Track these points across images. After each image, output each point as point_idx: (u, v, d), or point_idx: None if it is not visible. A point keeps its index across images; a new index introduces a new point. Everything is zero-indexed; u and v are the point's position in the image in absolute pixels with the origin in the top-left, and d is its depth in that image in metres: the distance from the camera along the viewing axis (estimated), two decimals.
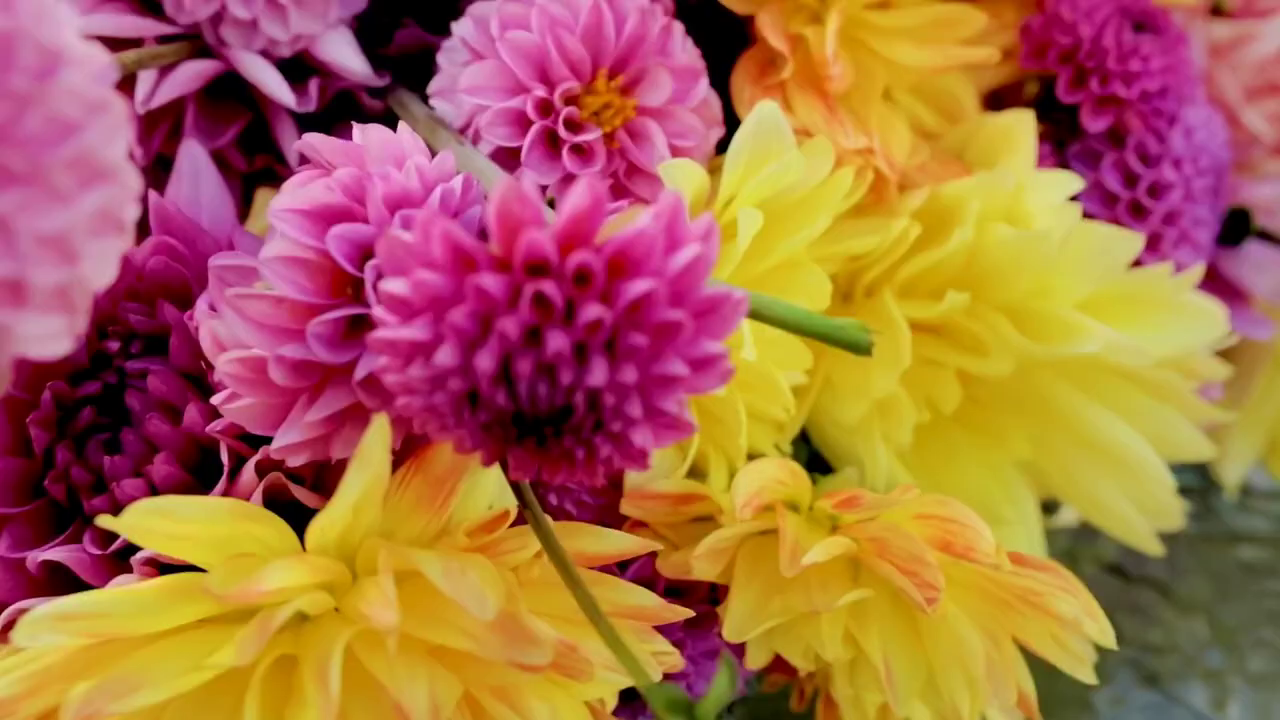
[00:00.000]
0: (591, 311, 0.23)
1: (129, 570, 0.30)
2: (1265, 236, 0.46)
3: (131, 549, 0.31)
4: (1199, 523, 0.51)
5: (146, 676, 0.27)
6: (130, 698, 0.26)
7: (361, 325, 0.28)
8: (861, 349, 0.28)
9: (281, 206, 0.28)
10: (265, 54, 0.37)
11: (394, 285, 0.24)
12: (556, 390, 0.24)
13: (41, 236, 0.21)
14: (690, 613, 0.31)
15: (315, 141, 0.29)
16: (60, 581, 0.31)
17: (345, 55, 0.37)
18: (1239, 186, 0.48)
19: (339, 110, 0.39)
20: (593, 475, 0.26)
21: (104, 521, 0.26)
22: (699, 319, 0.24)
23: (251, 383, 0.28)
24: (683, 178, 0.33)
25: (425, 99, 0.37)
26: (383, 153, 0.29)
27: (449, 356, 0.24)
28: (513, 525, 0.30)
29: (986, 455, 0.43)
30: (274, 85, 0.36)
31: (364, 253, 0.28)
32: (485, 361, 0.23)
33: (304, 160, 0.37)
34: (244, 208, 0.40)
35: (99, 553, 0.30)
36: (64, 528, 0.32)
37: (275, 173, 0.40)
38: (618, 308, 0.23)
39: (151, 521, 0.26)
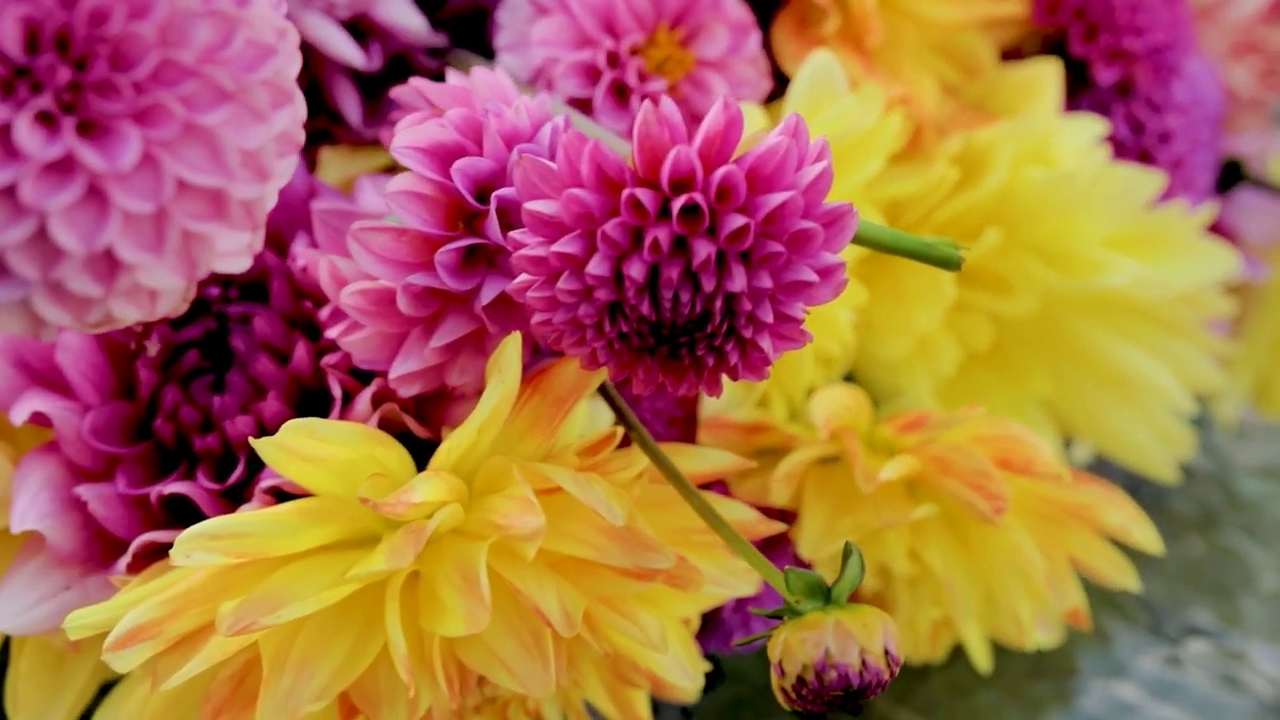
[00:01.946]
0: (735, 221, 0.25)
1: (241, 505, 0.32)
2: (1255, 184, 0.49)
3: (241, 486, 0.32)
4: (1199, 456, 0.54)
5: (291, 592, 0.28)
6: (280, 611, 0.27)
7: (477, 256, 0.30)
8: (952, 264, 0.29)
9: (403, 144, 0.29)
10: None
11: (541, 206, 0.26)
12: (698, 296, 0.25)
13: (244, 151, 0.22)
14: (783, 526, 0.33)
15: (421, 85, 0.31)
16: (176, 518, 0.32)
17: (404, 15, 0.38)
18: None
19: (392, 73, 0.41)
20: (714, 386, 0.28)
21: (255, 443, 0.27)
22: (827, 229, 0.26)
23: (373, 314, 0.30)
24: (748, 124, 0.35)
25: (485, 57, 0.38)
26: (489, 94, 0.31)
27: (601, 267, 0.25)
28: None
29: (1010, 393, 0.45)
30: (341, 45, 0.37)
31: (479, 186, 0.29)
32: (635, 270, 0.25)
33: (382, 112, 0.39)
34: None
35: (215, 487, 0.32)
36: (168, 469, 0.33)
37: (331, 134, 0.41)
38: (758, 217, 0.25)
39: (299, 440, 0.27)
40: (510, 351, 0.28)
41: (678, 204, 0.25)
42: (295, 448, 0.28)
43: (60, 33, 0.21)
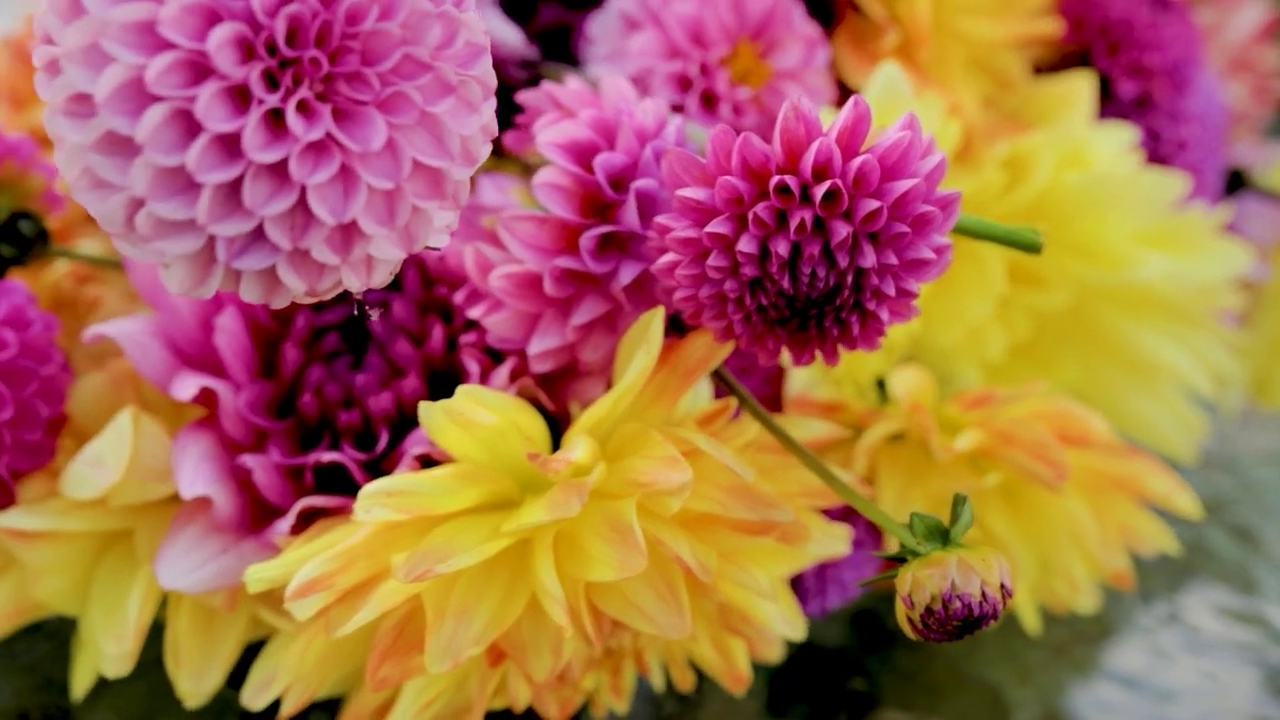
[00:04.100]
0: (870, 204, 0.28)
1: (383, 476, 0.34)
2: (1254, 190, 0.53)
3: (381, 458, 0.35)
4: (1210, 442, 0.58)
5: (454, 545, 0.31)
6: (449, 561, 0.30)
7: (610, 242, 0.33)
8: (1035, 248, 0.33)
9: (547, 141, 0.32)
10: None
11: (692, 192, 0.29)
12: (833, 271, 0.29)
13: (462, 137, 0.25)
14: (870, 490, 0.36)
15: (552, 89, 0.34)
16: (324, 487, 0.35)
17: (502, 30, 0.42)
18: None
19: None
20: (833, 355, 0.31)
21: (423, 406, 0.30)
22: (941, 212, 0.29)
23: (516, 295, 0.33)
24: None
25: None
26: (618, 97, 0.34)
27: (750, 245, 0.29)
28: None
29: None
30: None
31: (612, 179, 0.33)
32: (781, 247, 0.28)
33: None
34: None
35: (362, 457, 0.34)
36: (309, 444, 0.36)
37: None
38: (888, 201, 0.28)
39: (467, 403, 0.30)
40: (655, 325, 0.31)
41: (820, 189, 0.28)
42: (461, 411, 0.30)
43: (321, 30, 0.24)
